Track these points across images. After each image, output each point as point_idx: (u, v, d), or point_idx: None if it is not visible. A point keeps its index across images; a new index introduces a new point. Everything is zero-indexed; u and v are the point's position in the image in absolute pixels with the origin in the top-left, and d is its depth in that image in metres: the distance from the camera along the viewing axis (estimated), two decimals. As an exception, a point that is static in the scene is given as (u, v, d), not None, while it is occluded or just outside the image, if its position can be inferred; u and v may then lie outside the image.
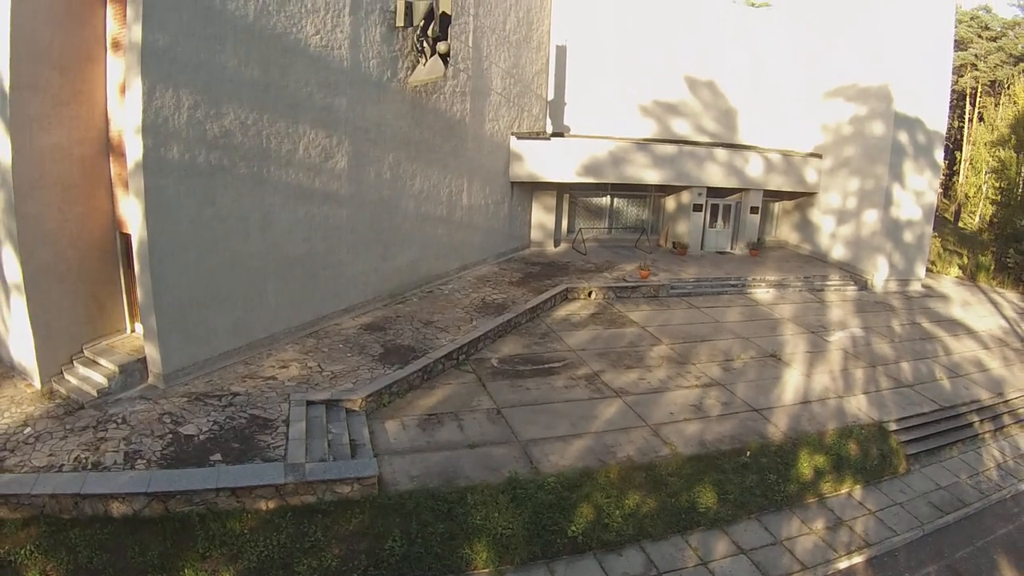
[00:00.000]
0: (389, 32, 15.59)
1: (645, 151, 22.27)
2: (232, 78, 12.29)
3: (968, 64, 47.30)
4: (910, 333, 19.84)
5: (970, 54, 47.08)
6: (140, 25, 10.72)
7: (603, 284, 19.86)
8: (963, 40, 46.00)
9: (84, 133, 12.46)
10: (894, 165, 23.07)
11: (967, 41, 46.85)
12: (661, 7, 23.77)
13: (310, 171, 14.27)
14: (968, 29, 47.25)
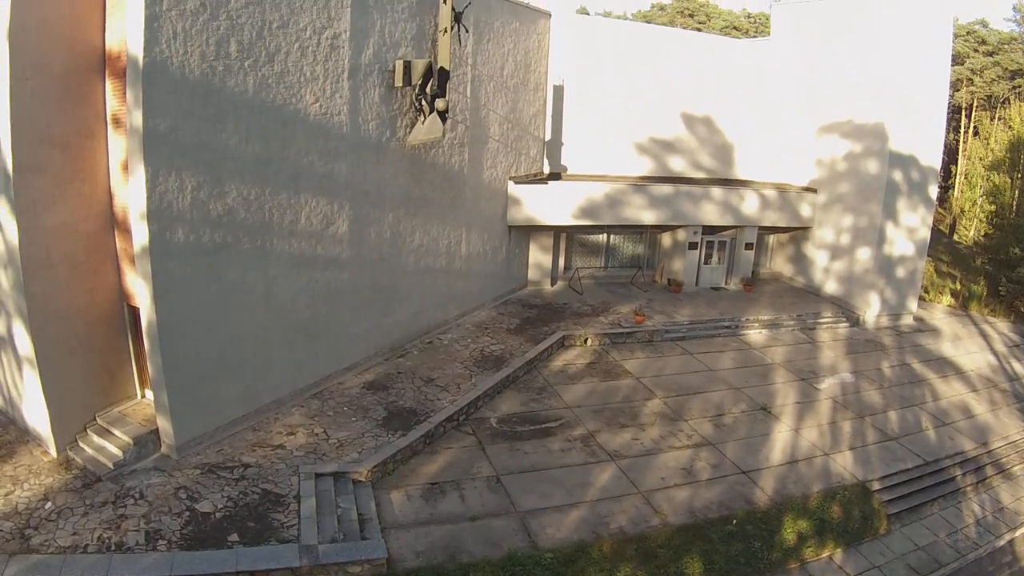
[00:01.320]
0: (387, 92, 16.29)
1: (642, 192, 23.03)
2: (234, 155, 13.01)
3: (964, 79, 48.09)
4: (899, 376, 20.70)
5: (966, 68, 47.85)
6: (140, 111, 11.34)
7: (599, 330, 20.66)
8: (959, 55, 46.70)
9: (88, 209, 13.11)
10: (888, 203, 23.88)
11: (963, 56, 47.59)
12: (658, 44, 24.51)
13: (312, 239, 15.02)
14: (964, 44, 47.98)
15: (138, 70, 11.26)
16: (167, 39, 11.47)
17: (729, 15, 63.25)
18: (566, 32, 22.91)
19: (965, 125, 50.50)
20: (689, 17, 63.27)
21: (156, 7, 11.20)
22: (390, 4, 16.06)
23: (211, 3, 12.04)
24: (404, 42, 16.56)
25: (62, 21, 12.08)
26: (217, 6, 12.16)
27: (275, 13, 13.29)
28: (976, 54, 48.46)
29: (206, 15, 11.99)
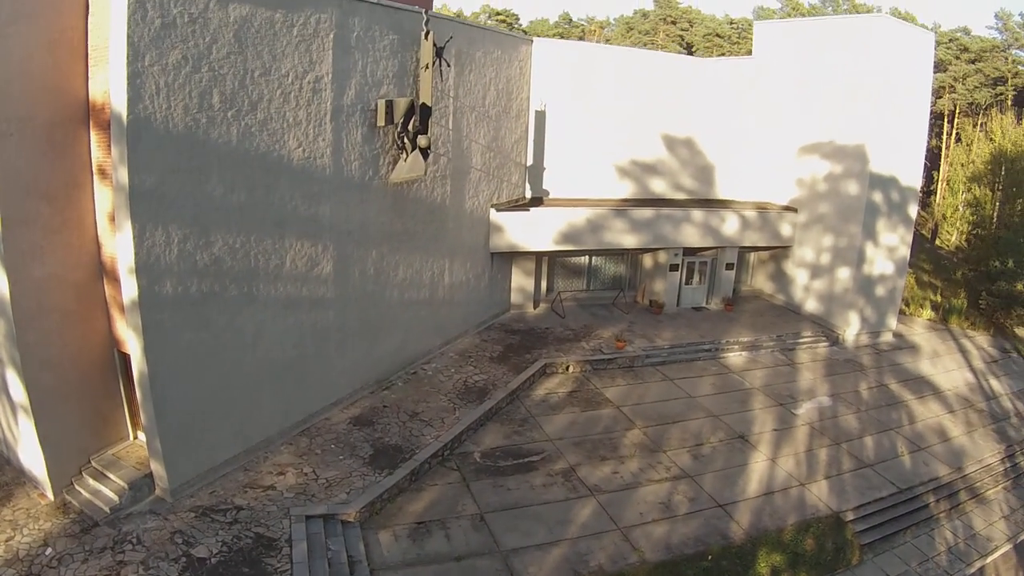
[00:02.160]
0: (370, 131, 16.69)
1: (623, 217, 23.54)
2: (219, 206, 13.38)
3: (947, 86, 48.97)
4: (877, 399, 21.34)
5: (948, 76, 48.74)
6: (126, 168, 11.69)
7: (580, 357, 21.17)
8: (942, 62, 47.59)
9: (77, 259, 13.47)
10: (867, 224, 24.53)
11: (945, 63, 48.47)
12: (638, 67, 24.95)
13: (297, 281, 15.42)
14: (947, 51, 48.87)
15: (122, 127, 11.61)
16: (150, 95, 11.81)
17: (712, 21, 63.87)
18: (548, 57, 23.33)
19: (948, 131, 51.47)
20: (672, 24, 63.88)
21: (138, 63, 11.52)
22: (372, 43, 16.42)
23: (193, 55, 12.38)
24: (386, 80, 16.96)
25: (45, 73, 12.40)
26: (199, 58, 12.50)
27: (257, 61, 13.64)
28: (958, 61, 49.36)
29: (188, 68, 12.33)
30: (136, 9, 11.36)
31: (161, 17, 11.74)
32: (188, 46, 12.26)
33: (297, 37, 14.42)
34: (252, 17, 13.34)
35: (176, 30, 12.02)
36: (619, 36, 67.96)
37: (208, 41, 12.61)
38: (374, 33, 16.41)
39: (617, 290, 26.44)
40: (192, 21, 12.26)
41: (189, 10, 12.18)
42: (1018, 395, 23.50)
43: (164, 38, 11.84)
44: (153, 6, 11.58)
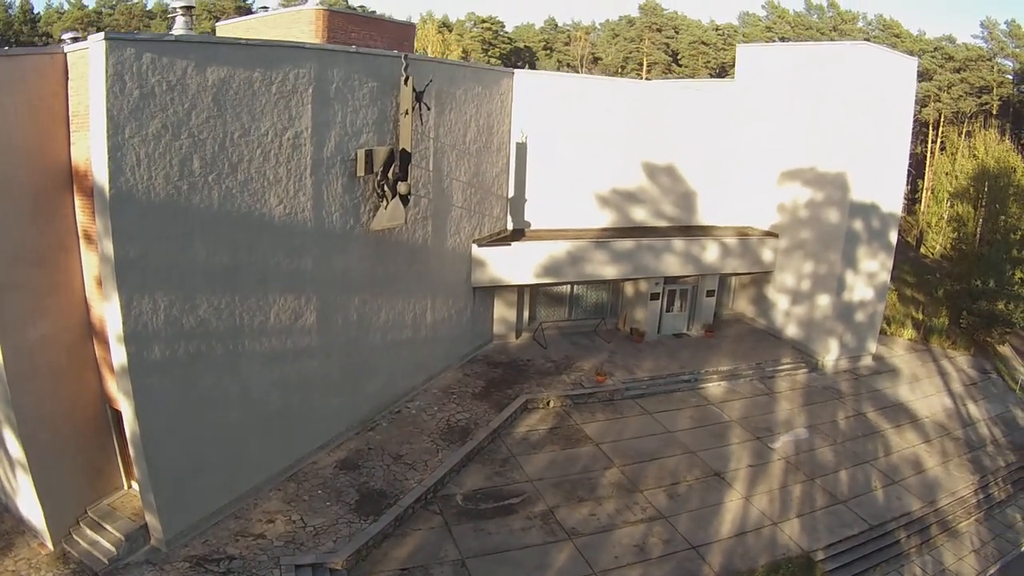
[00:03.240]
0: (350, 181, 17.15)
1: (603, 248, 24.11)
2: (203, 269, 13.88)
3: (932, 95, 49.74)
4: (853, 429, 22.03)
5: (933, 85, 49.50)
6: (111, 241, 12.17)
7: (561, 391, 21.77)
8: (927, 70, 48.36)
9: (67, 321, 14.05)
10: (848, 252, 25.21)
11: (930, 72, 49.23)
12: (619, 97, 25.48)
13: (281, 334, 15.94)
14: (931, 60, 49.64)
15: (105, 201, 12.10)
16: (131, 167, 12.28)
17: (698, 28, 64.44)
18: (529, 89, 23.83)
19: (932, 138, 52.26)
20: (657, 31, 64.46)
21: (118, 136, 11.97)
22: (351, 93, 16.88)
23: (172, 124, 12.80)
24: (366, 128, 17.43)
25: (27, 140, 12.85)
26: (178, 125, 12.92)
27: (236, 123, 14.05)
28: (943, 70, 50.14)
29: (168, 136, 12.77)
30: (115, 82, 11.78)
31: (139, 88, 12.15)
32: (167, 114, 12.68)
33: (276, 95, 14.82)
34: (230, 79, 13.73)
35: (155, 99, 12.43)
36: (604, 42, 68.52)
37: (187, 107, 13.02)
38: (353, 82, 16.86)
39: (599, 319, 27.01)
40: (170, 89, 12.66)
41: (167, 78, 12.58)
42: (995, 420, 24.27)
43: (143, 108, 12.26)
44: (131, 77, 11.99)
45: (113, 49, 11.71)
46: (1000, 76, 49.45)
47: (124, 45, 12.11)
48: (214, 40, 13.79)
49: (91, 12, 62.12)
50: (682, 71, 62.39)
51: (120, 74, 11.85)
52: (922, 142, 52.63)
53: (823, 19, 56.49)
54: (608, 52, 68.04)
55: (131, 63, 11.97)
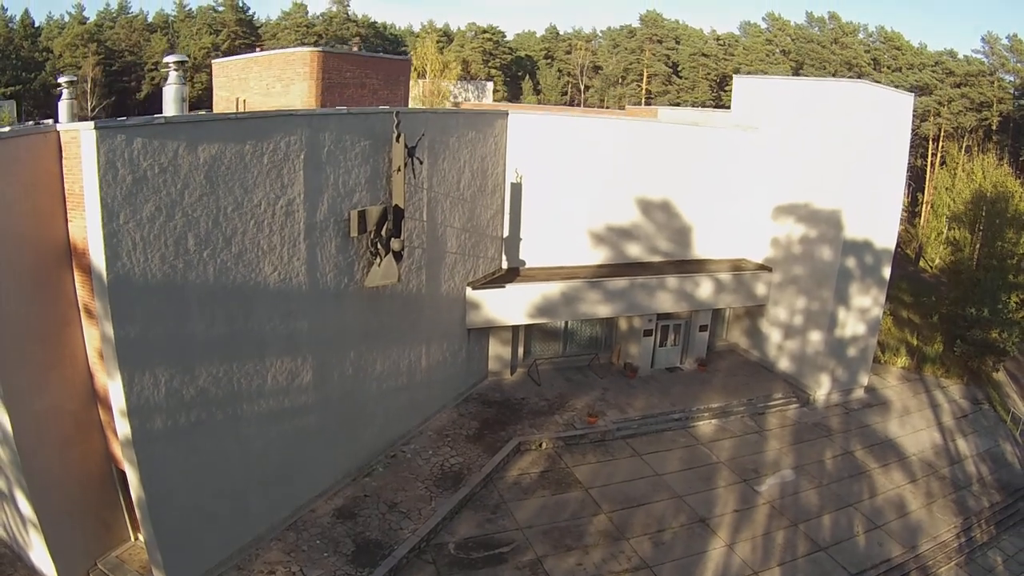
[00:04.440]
0: (344, 241, 17.65)
1: (597, 288, 24.60)
2: (201, 341, 14.43)
3: (932, 110, 49.88)
4: (840, 469, 22.49)
5: (933, 100, 49.65)
6: (111, 323, 12.68)
7: (553, 433, 22.31)
8: (927, 85, 48.49)
9: (72, 390, 14.63)
10: (840, 289, 25.60)
11: (931, 86, 49.37)
12: (613, 134, 25.88)
13: (279, 394, 16.50)
14: (932, 75, 49.76)
15: (104, 286, 12.62)
16: (127, 251, 12.75)
17: (698, 38, 64.62)
18: (523, 129, 24.26)
19: (932, 151, 52.45)
20: (658, 43, 64.63)
21: (113, 224, 12.37)
22: (343, 154, 17.35)
23: (166, 205, 13.20)
24: (358, 188, 17.92)
25: (26, 219, 13.23)
26: (172, 206, 13.32)
27: (229, 197, 14.47)
28: (943, 85, 50.29)
29: (162, 218, 13.19)
30: (107, 170, 12.11)
31: (132, 173, 12.50)
32: (161, 196, 13.06)
33: (268, 165, 15.19)
34: (222, 155, 14.10)
35: (148, 183, 12.80)
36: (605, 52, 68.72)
37: (180, 188, 13.39)
38: (345, 144, 17.30)
39: (593, 353, 27.50)
40: (163, 171, 13.03)
41: (159, 160, 12.92)
42: (982, 457, 24.68)
43: (136, 193, 12.64)
44: (123, 164, 12.33)
45: (104, 138, 12.01)
46: (1000, 92, 49.52)
47: (114, 133, 12.29)
48: (205, 118, 14.22)
49: (91, 26, 62.73)
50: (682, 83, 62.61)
51: (112, 162, 12.17)
52: (922, 155, 52.84)
53: (824, 31, 56.59)
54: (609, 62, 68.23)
55: (122, 150, 12.30)
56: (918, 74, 50.13)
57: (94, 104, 55.54)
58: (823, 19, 56.73)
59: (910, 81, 50.58)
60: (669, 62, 64.55)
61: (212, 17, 64.18)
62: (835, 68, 55.24)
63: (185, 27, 65.76)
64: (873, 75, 53.65)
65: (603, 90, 67.58)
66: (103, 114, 56.19)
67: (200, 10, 67.36)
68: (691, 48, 64.13)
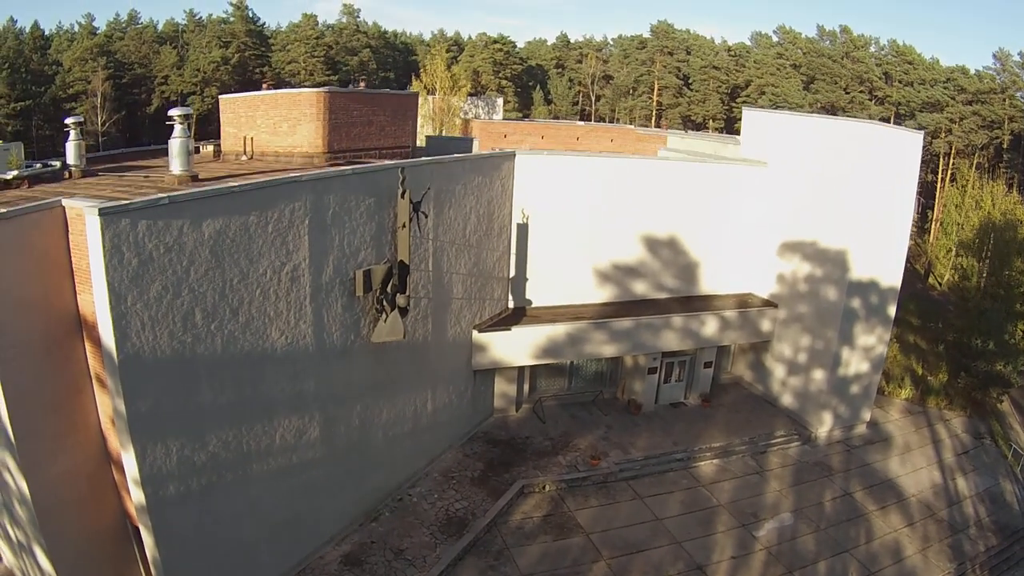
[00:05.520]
0: (350, 299, 18.14)
1: (603, 328, 25.00)
2: (210, 409, 15.00)
3: (943, 128, 49.77)
4: (838, 512, 22.84)
5: (944, 117, 49.52)
6: (122, 400, 13.20)
7: (556, 475, 22.80)
8: (939, 102, 48.38)
9: (86, 453, 15.28)
10: (844, 330, 25.87)
11: (943, 103, 49.24)
12: (620, 173, 26.17)
13: (287, 452, 17.07)
14: (944, 91, 49.62)
15: (115, 365, 13.13)
16: (136, 331, 13.24)
17: (709, 48, 64.59)
18: (530, 170, 24.68)
19: (943, 167, 52.36)
20: (669, 55, 64.65)
21: (122, 306, 12.82)
22: (348, 215, 17.76)
23: (172, 283, 13.66)
24: (364, 246, 18.38)
25: (36, 295, 13.73)
26: (179, 283, 13.78)
27: (234, 269, 14.94)
28: (955, 102, 50.15)
29: (169, 296, 13.66)
30: (113, 255, 12.51)
31: (138, 256, 12.93)
32: (167, 275, 13.52)
33: (272, 233, 15.65)
34: (226, 228, 14.56)
35: (154, 263, 13.23)
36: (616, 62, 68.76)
37: (186, 264, 13.86)
38: (350, 204, 17.72)
39: (598, 389, 27.92)
40: (168, 250, 13.46)
41: (164, 240, 13.35)
42: (981, 497, 24.95)
43: (143, 275, 13.07)
44: (128, 247, 12.75)
45: (108, 224, 12.36)
46: (1012, 110, 49.35)
47: (119, 217, 12.60)
48: (208, 193, 14.38)
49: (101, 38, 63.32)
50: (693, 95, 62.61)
51: (118, 246, 12.56)
52: (932, 170, 52.80)
53: (835, 45, 56.50)
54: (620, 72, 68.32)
55: (127, 234, 12.70)
56: (930, 90, 49.95)
57: (104, 119, 56.21)
58: (834, 32, 56.63)
59: (922, 97, 50.38)
60: (680, 74, 64.61)
61: (222, 29, 64.62)
62: (846, 83, 55.20)
63: (195, 38, 66.27)
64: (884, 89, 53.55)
65: (614, 100, 67.64)
66: (113, 128, 56.95)
67: (210, 21, 67.90)
68: (702, 60, 64.17)
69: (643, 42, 67.93)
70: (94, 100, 56.00)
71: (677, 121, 62.33)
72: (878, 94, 55.09)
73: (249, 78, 63.49)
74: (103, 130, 56.34)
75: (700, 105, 62.45)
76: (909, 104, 51.86)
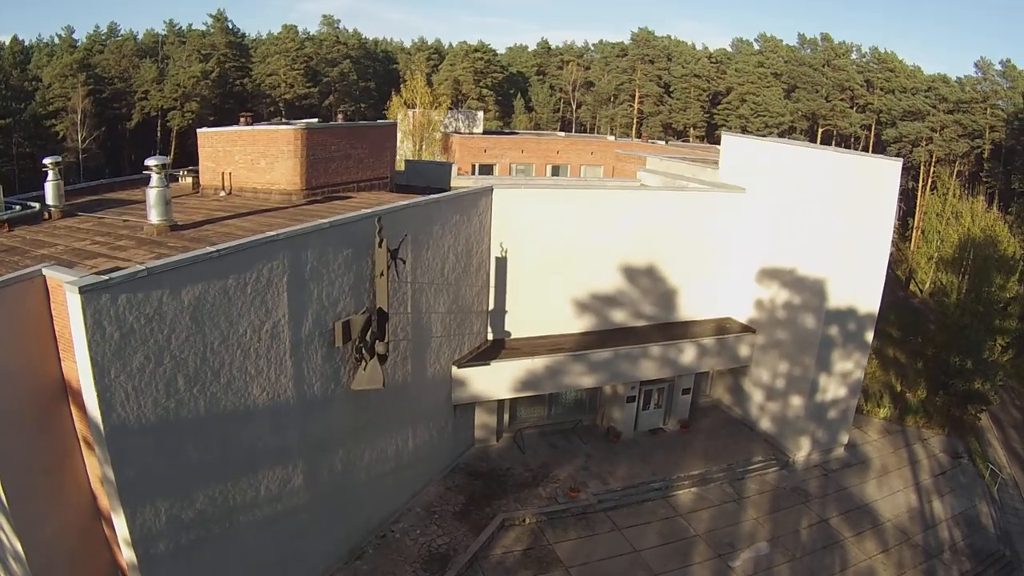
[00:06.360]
0: (329, 350, 18.72)
1: (581, 360, 25.72)
2: (196, 468, 15.58)
3: (924, 137, 50.73)
4: (814, 540, 23.68)
5: (926, 126, 50.45)
6: (111, 468, 13.76)
7: (537, 508, 23.52)
8: (919, 111, 49.28)
9: (78, 512, 15.82)
10: (822, 357, 26.66)
11: (924, 113, 50.16)
12: (597, 204, 26.91)
13: (272, 501, 17.68)
14: (925, 101, 50.55)
15: (101, 436, 13.69)
16: (120, 402, 13.75)
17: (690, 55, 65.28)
18: (507, 204, 25.31)
19: (924, 177, 53.37)
20: (650, 63, 65.33)
21: (105, 379, 13.29)
22: (326, 268, 18.29)
23: (155, 352, 14.14)
24: (343, 297, 18.98)
25: (21, 363, 14.04)
26: (160, 352, 14.27)
27: (215, 332, 15.43)
28: (936, 111, 51.10)
29: (151, 365, 14.14)
30: (95, 331, 12.97)
31: (119, 329, 13.39)
32: (148, 345, 14.00)
33: (251, 294, 16.14)
34: (206, 294, 15.05)
35: (135, 335, 13.70)
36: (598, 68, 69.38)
37: (167, 333, 14.36)
38: (328, 257, 18.25)
39: (577, 418, 28.67)
40: (148, 321, 13.94)
41: (144, 312, 13.82)
42: (957, 520, 25.86)
43: (125, 347, 13.55)
44: (110, 321, 13.21)
45: (89, 301, 12.78)
46: (993, 119, 50.32)
47: (99, 294, 13.02)
48: (187, 261, 14.83)
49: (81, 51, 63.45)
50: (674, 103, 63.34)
51: (99, 322, 13.02)
52: (913, 177, 53.77)
53: (816, 52, 57.33)
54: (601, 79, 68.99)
55: (108, 308, 13.16)
56: (911, 99, 50.86)
57: (84, 135, 56.48)
58: (815, 40, 57.50)
59: (903, 106, 51.26)
60: (661, 82, 65.35)
61: (201, 43, 64.85)
62: (827, 91, 56.01)
63: (175, 51, 66.44)
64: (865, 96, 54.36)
65: (595, 108, 68.36)
66: (94, 145, 57.20)
67: (191, 34, 68.04)
68: (683, 68, 64.91)
69: (624, 49, 68.60)
70: (74, 117, 56.23)
71: (658, 129, 63.15)
72: (859, 101, 56.00)
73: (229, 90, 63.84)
74: (83, 147, 56.63)
75: (681, 113, 63.19)
76: (891, 112, 52.78)
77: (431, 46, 72.87)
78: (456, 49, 69.82)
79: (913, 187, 53.93)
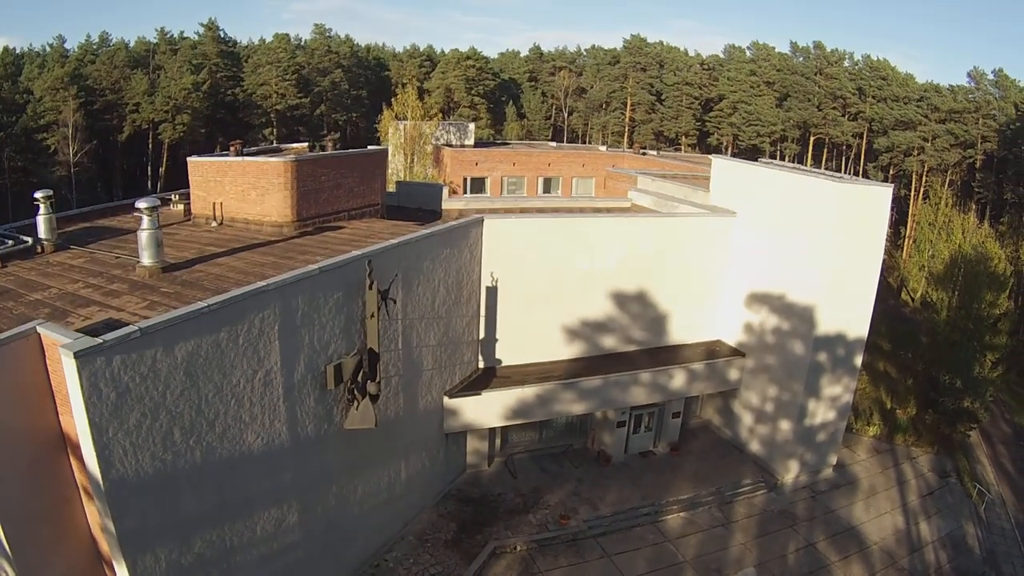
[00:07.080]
0: (322, 392, 19.30)
1: (572, 388, 26.34)
2: (193, 515, 16.22)
3: (916, 147, 51.34)
4: (801, 564, 24.40)
5: (918, 135, 51.05)
6: (111, 521, 14.37)
7: (528, 536, 24.20)
8: (911, 121, 49.89)
9: (79, 557, 16.44)
10: (811, 383, 27.25)
11: (916, 122, 50.75)
12: (587, 231, 27.43)
13: (268, 540, 18.33)
14: (917, 110, 51.14)
15: (101, 491, 14.30)
16: (119, 459, 14.33)
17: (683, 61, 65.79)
18: (498, 234, 25.83)
19: (916, 187, 54.00)
20: (642, 71, 65.84)
21: (103, 438, 13.84)
22: (317, 313, 18.82)
23: (150, 409, 14.70)
24: (334, 339, 19.58)
25: (20, 416, 14.68)
26: (156, 407, 14.84)
27: (209, 385, 16.00)
28: (928, 120, 51.70)
29: (148, 421, 14.71)
30: (91, 393, 13.47)
31: (115, 389, 13.91)
32: (144, 403, 14.55)
33: (244, 344, 16.68)
34: (199, 348, 15.59)
35: (131, 393, 14.22)
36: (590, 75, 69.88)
37: (162, 389, 14.89)
38: (318, 302, 18.78)
39: (568, 443, 29.34)
40: (143, 379, 14.46)
41: (139, 370, 14.34)
42: (943, 542, 26.58)
43: (121, 406, 14.09)
44: (106, 383, 13.72)
45: (84, 364, 13.25)
46: (985, 129, 50.96)
47: (94, 357, 13.47)
48: (179, 318, 15.35)
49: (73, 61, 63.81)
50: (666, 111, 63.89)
51: (95, 384, 13.52)
52: (905, 185, 54.41)
53: (808, 61, 57.90)
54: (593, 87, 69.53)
55: (103, 370, 13.66)
56: (903, 108, 51.47)
57: (76, 149, 56.92)
58: (807, 49, 58.09)
59: (895, 115, 51.91)
60: (653, 90, 65.90)
61: (192, 53, 65.24)
62: (819, 99, 56.59)
63: (167, 61, 66.78)
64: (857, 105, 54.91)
65: (587, 115, 68.85)
66: (85, 159, 57.63)
67: (182, 45, 68.40)
68: (675, 75, 65.46)
69: (616, 57, 69.14)
70: (65, 131, 56.66)
71: (650, 137, 63.72)
72: (851, 110, 56.58)
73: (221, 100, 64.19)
74: (75, 161, 57.08)
75: (673, 121, 63.67)
76: (882, 121, 53.36)
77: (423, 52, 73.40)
78: (448, 57, 70.28)
79: (905, 195, 54.56)
